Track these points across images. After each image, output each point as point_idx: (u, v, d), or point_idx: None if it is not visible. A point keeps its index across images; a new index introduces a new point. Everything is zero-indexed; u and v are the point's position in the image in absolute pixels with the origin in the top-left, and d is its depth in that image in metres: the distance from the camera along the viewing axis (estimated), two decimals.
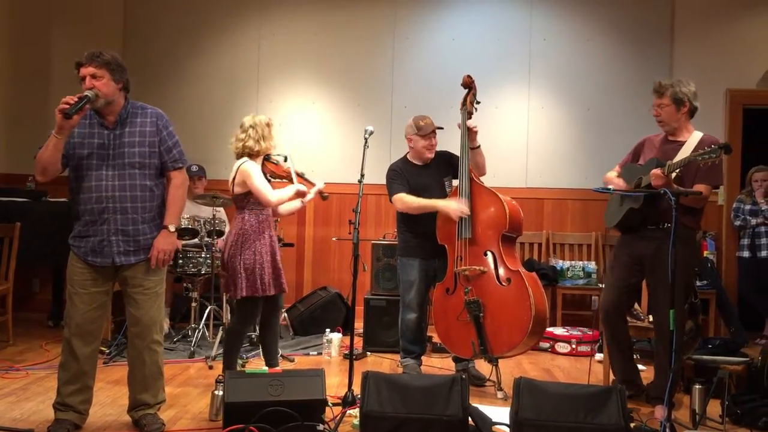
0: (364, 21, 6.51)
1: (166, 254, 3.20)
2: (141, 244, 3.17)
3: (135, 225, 3.14)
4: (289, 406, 3.07)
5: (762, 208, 5.75)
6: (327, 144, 6.48)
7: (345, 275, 6.25)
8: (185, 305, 5.61)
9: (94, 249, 3.12)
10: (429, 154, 4.33)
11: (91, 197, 3.10)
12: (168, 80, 6.52)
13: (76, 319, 3.14)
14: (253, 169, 3.80)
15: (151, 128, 3.19)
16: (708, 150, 3.25)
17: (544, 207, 6.40)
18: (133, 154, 3.14)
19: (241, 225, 3.83)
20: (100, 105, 3.07)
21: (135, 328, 3.22)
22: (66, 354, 3.18)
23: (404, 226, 4.38)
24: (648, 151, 3.81)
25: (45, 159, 3.02)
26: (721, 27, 6.31)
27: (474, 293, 4.00)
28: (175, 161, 3.26)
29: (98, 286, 3.17)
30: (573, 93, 6.35)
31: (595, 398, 2.96)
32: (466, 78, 4.34)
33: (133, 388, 3.28)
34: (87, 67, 3.07)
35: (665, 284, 3.52)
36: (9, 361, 4.45)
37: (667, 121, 3.71)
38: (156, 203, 3.22)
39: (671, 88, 3.65)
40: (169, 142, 3.24)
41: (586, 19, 6.40)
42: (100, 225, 3.11)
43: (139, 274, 3.19)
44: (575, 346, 5.28)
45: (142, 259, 3.18)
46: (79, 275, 3.15)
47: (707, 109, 6.26)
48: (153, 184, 3.20)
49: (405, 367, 4.36)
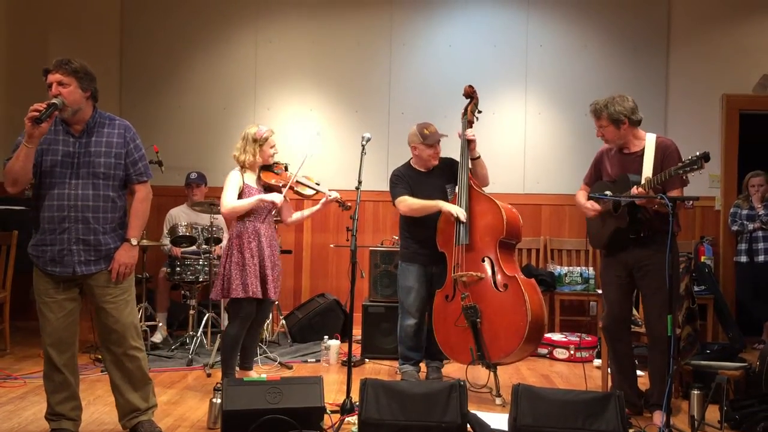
0: (361, 28, 6.52)
1: (128, 267, 3.17)
2: (102, 253, 3.12)
3: (96, 235, 3.09)
4: (287, 414, 3.06)
5: (759, 213, 5.77)
6: (324, 151, 6.48)
7: (343, 282, 6.26)
8: (183, 313, 5.60)
9: (53, 258, 3.07)
10: (434, 161, 4.36)
11: (52, 205, 3.06)
12: (165, 87, 6.53)
13: (48, 329, 3.11)
14: (229, 179, 4.01)
15: (119, 139, 3.16)
16: (689, 161, 3.25)
17: (542, 213, 6.41)
18: (99, 164, 3.10)
19: (231, 232, 4.02)
20: (67, 114, 3.04)
21: (109, 336, 3.18)
22: (47, 365, 3.15)
23: (406, 232, 4.40)
24: (609, 165, 3.80)
25: (17, 169, 2.97)
26: (717, 33, 6.34)
27: (471, 299, 4.02)
28: (140, 174, 3.23)
29: (63, 294, 3.12)
30: (570, 99, 6.36)
31: (593, 404, 2.96)
32: (468, 88, 4.37)
33: (120, 394, 3.22)
34: (54, 74, 3.03)
35: (655, 291, 3.55)
36: (6, 370, 4.44)
37: (612, 140, 3.73)
38: (118, 215, 3.18)
39: (605, 109, 3.65)
40: (136, 154, 3.21)
41: (583, 25, 6.42)
42: (60, 234, 3.06)
43: (102, 283, 3.14)
44: (573, 352, 5.28)
45: (102, 269, 3.13)
46: (43, 284, 3.11)
47: (704, 114, 6.37)
48: (116, 195, 3.17)
49: (403, 373, 4.36)
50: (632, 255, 3.66)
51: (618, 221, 3.62)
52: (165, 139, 6.04)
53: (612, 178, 3.74)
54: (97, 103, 3.19)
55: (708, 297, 5.62)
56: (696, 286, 5.45)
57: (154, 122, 6.35)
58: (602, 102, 3.69)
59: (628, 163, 3.68)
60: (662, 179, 3.38)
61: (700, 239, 6.14)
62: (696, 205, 5.88)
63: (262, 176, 4.08)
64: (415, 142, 4.33)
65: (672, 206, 3.18)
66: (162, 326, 5.50)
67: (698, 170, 3.24)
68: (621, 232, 3.64)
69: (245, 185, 4.00)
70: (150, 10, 6.58)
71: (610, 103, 3.66)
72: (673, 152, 3.56)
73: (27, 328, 5.72)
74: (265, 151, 4.07)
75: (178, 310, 5.80)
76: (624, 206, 3.55)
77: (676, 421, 3.53)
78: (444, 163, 4.41)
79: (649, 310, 3.67)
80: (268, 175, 4.11)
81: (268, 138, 4.07)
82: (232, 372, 3.98)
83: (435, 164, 4.36)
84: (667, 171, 3.36)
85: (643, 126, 3.79)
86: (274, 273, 4.00)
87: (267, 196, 3.98)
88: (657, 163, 3.54)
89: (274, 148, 4.14)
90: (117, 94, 6.46)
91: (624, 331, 3.80)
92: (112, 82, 6.36)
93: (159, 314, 5.57)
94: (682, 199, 3.37)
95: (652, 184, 3.42)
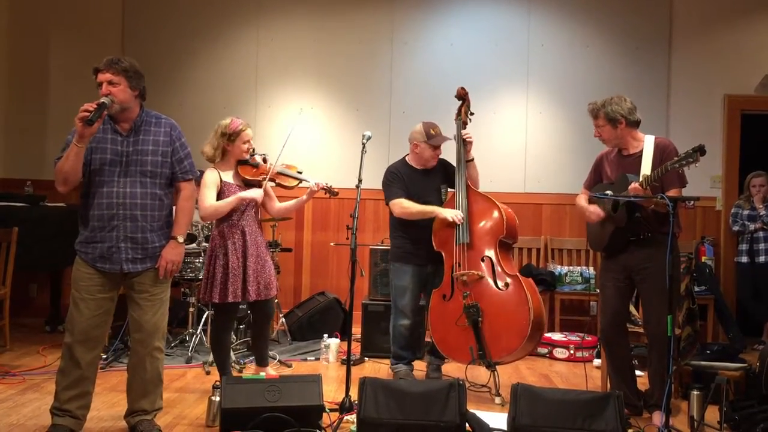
0: (363, 26, 6.51)
1: (175, 265, 3.22)
2: (149, 252, 3.17)
3: (144, 233, 3.14)
4: (286, 412, 3.07)
5: (760, 213, 5.76)
6: (325, 149, 6.48)
7: (343, 280, 6.26)
8: (183, 310, 5.60)
9: (102, 255, 3.12)
10: (434, 162, 4.35)
11: (102, 203, 3.10)
12: (166, 86, 6.52)
13: (80, 325, 3.12)
14: (205, 178, 3.79)
15: (165, 138, 3.21)
16: (685, 155, 3.24)
17: (543, 212, 6.40)
18: (146, 162, 3.15)
19: (213, 232, 3.90)
20: (115, 111, 3.08)
21: (138, 334, 3.22)
22: (66, 360, 3.16)
23: (399, 232, 4.36)
24: (608, 168, 3.80)
25: (67, 169, 3.01)
26: (719, 33, 6.32)
27: (473, 297, 4.00)
28: (186, 172, 3.28)
29: (105, 293, 3.16)
30: (571, 98, 6.34)
31: (592, 404, 2.96)
32: (460, 90, 4.39)
33: (132, 395, 3.27)
34: (105, 73, 3.08)
35: (655, 292, 3.54)
36: (6, 366, 4.44)
37: (608, 140, 3.74)
38: (164, 212, 3.23)
39: (602, 108, 3.67)
40: (181, 153, 3.26)
41: (585, 25, 6.41)
42: (109, 231, 3.11)
43: (146, 281, 3.19)
44: (573, 351, 5.27)
45: (149, 267, 3.18)
46: (86, 281, 3.14)
47: (705, 114, 6.36)
48: (163, 193, 3.21)
49: (397, 372, 4.35)
50: (633, 256, 3.65)
51: (617, 222, 3.62)
52: None
53: (612, 181, 3.73)
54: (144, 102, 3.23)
55: (708, 297, 5.61)
56: (696, 287, 5.44)
57: None
58: (600, 102, 3.72)
59: (628, 164, 3.68)
60: (660, 174, 3.38)
61: (701, 239, 6.13)
62: (697, 206, 5.91)
63: (239, 171, 3.90)
64: (419, 140, 4.31)
65: (672, 206, 3.17)
66: None
67: (694, 163, 3.22)
68: (620, 232, 3.63)
69: (223, 183, 3.83)
70: (151, 9, 6.58)
71: (607, 103, 3.67)
72: (672, 152, 3.55)
73: (26, 324, 5.73)
74: (238, 146, 3.85)
75: (177, 308, 5.79)
76: (622, 205, 3.54)
77: (675, 422, 3.53)
78: (440, 163, 4.40)
79: (649, 311, 3.67)
80: (245, 169, 3.91)
81: (241, 132, 3.84)
82: (226, 371, 3.96)
83: (433, 165, 4.36)
84: (664, 166, 3.35)
85: (645, 126, 3.79)
86: (260, 271, 3.86)
87: (246, 194, 3.81)
88: (656, 163, 3.53)
89: (249, 143, 3.89)
90: None
91: (621, 335, 3.80)
92: None
93: None
94: (683, 199, 3.36)
95: (650, 180, 3.42)
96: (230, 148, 3.86)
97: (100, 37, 6.50)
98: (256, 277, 3.84)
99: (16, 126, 6.42)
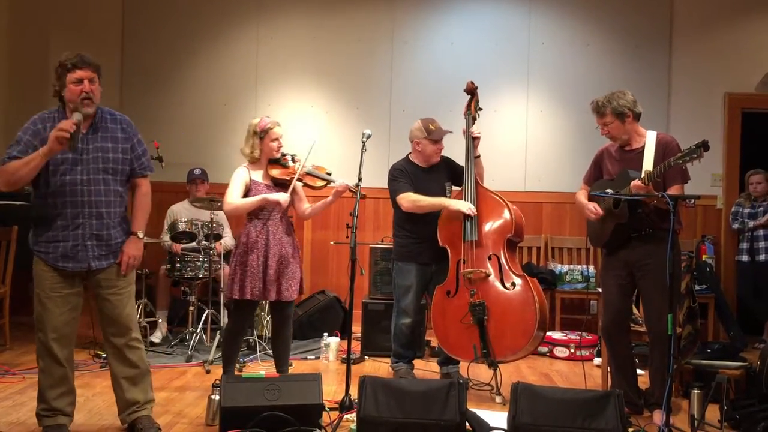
0: (363, 25, 6.51)
1: (136, 260, 3.23)
2: (112, 248, 3.17)
3: (108, 230, 3.14)
4: (285, 411, 3.06)
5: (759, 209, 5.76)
6: (325, 147, 6.46)
7: (343, 279, 6.24)
8: (183, 309, 5.60)
9: (65, 254, 3.08)
10: (437, 158, 4.31)
11: (65, 201, 3.07)
12: (167, 85, 6.52)
13: (52, 323, 3.10)
14: (234, 175, 3.85)
15: (123, 134, 3.21)
16: (688, 150, 3.23)
17: (543, 211, 6.40)
18: (108, 159, 3.14)
19: (241, 231, 3.91)
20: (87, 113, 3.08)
21: (112, 328, 3.21)
22: (46, 359, 3.13)
23: (404, 230, 4.32)
24: (609, 163, 3.79)
25: (23, 174, 2.98)
26: (719, 31, 6.31)
27: (479, 296, 3.99)
28: (144, 168, 3.29)
29: (70, 288, 3.14)
30: (572, 97, 6.33)
31: (593, 403, 2.95)
32: (470, 84, 4.34)
33: (120, 387, 3.24)
34: (86, 71, 3.06)
35: (656, 288, 3.53)
36: (6, 365, 4.44)
37: (617, 136, 3.71)
38: (123, 209, 3.25)
39: (609, 104, 3.64)
40: (139, 149, 3.27)
41: (585, 23, 6.40)
42: (74, 230, 3.08)
43: (112, 276, 3.19)
44: (574, 350, 5.27)
45: (112, 263, 3.18)
46: (49, 280, 3.11)
47: (706, 112, 6.35)
48: (123, 189, 3.23)
49: (397, 371, 4.34)
50: (634, 252, 3.64)
51: (619, 217, 3.61)
52: (166, 136, 6.03)
53: (613, 176, 3.72)
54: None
55: (709, 296, 5.61)
56: (697, 285, 5.44)
57: (155, 118, 6.33)
58: (603, 98, 3.68)
59: (629, 160, 3.66)
60: (663, 170, 3.36)
61: (702, 238, 6.13)
62: (698, 204, 5.90)
63: (269, 170, 3.90)
64: (419, 137, 4.28)
65: (673, 204, 3.16)
66: (162, 323, 5.49)
67: (697, 159, 3.21)
68: (622, 228, 3.62)
69: (252, 182, 3.83)
70: (151, 7, 6.58)
71: (611, 98, 3.65)
72: (674, 148, 3.54)
73: (26, 323, 5.69)
74: (267, 144, 3.84)
75: (178, 307, 5.79)
76: (624, 201, 3.53)
77: (676, 421, 3.52)
78: (444, 161, 4.38)
79: (649, 309, 3.66)
80: (275, 168, 3.91)
81: (269, 130, 3.83)
82: (231, 368, 3.96)
83: (437, 161, 4.33)
84: (667, 162, 3.34)
85: (646, 124, 3.78)
86: (281, 272, 3.84)
87: (271, 196, 3.80)
88: (658, 159, 3.52)
89: (278, 141, 3.88)
90: (118, 90, 6.44)
91: (623, 333, 3.79)
92: (113, 78, 6.34)
93: (159, 312, 5.55)
94: (684, 197, 3.36)
95: (652, 176, 3.40)
96: (260, 146, 3.86)
97: (100, 37, 6.50)
98: (277, 278, 3.83)
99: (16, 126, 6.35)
